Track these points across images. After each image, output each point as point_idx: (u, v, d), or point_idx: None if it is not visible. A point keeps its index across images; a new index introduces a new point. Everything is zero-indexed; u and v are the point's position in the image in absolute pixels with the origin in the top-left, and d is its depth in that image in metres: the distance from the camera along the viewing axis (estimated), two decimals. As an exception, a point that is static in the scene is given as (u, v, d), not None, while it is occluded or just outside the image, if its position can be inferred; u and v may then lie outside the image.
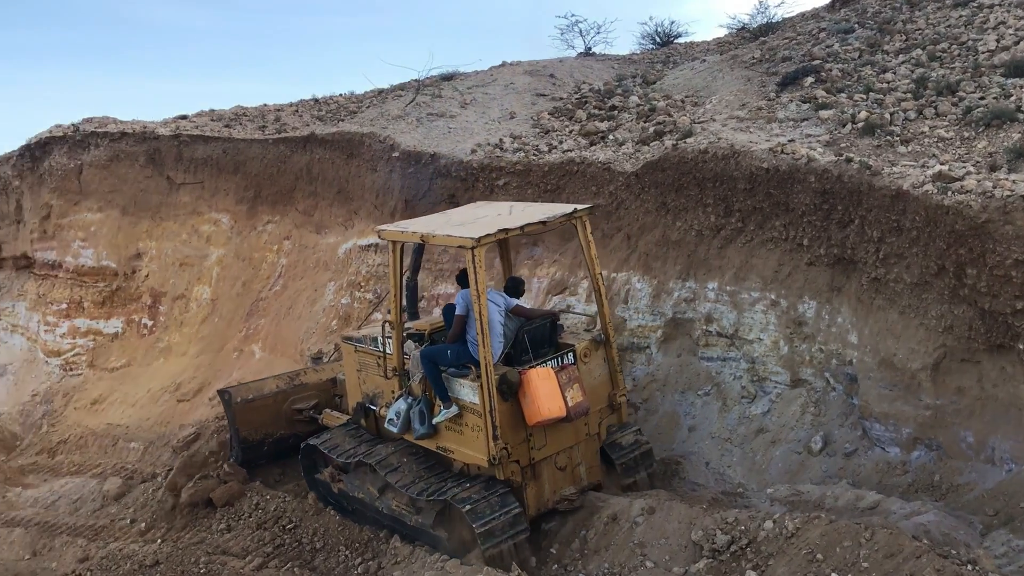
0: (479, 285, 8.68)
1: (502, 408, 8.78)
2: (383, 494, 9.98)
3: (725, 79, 14.91)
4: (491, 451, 8.74)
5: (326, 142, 16.77)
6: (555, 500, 9.35)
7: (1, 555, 11.46)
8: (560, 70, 19.07)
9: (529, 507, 9.16)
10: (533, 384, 8.80)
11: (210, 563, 9.55)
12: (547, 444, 9.21)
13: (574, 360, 9.37)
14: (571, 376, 9.02)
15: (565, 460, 9.42)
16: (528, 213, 9.64)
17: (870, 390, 9.48)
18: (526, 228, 9.21)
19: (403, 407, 9.62)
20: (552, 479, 9.33)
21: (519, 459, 9.00)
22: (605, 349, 9.69)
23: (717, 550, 8.11)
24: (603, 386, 9.66)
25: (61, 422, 18.21)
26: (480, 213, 10.04)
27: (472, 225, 9.31)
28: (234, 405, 11.93)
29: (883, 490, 8.85)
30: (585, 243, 9.56)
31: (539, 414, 8.79)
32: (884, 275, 9.52)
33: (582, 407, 9.02)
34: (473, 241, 8.64)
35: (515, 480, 9.01)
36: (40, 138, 21.18)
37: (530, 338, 9.33)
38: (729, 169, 11.10)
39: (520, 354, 9.26)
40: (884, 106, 11.46)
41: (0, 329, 22.19)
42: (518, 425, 8.94)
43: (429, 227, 9.56)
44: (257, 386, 12.31)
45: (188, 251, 19.05)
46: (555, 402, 8.80)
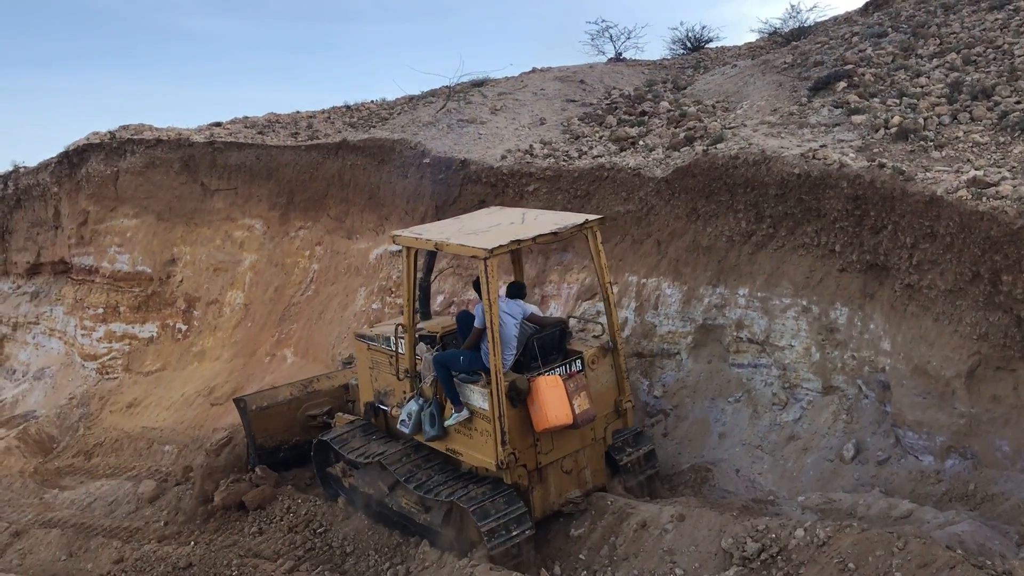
0: (491, 295, 8.87)
1: (511, 414, 8.98)
2: (393, 491, 10.22)
3: (756, 84, 14.83)
4: (499, 456, 8.95)
5: (358, 149, 16.89)
6: (560, 503, 9.54)
7: (39, 556, 11.64)
8: (590, 76, 19.07)
9: (535, 509, 9.34)
10: (541, 392, 8.99)
11: (242, 565, 9.64)
12: (554, 449, 9.41)
13: (582, 367, 9.53)
14: (579, 384, 9.20)
15: (571, 464, 9.62)
16: (540, 223, 9.82)
17: (903, 398, 9.38)
18: (538, 239, 9.41)
19: (414, 408, 9.83)
20: (558, 482, 9.53)
21: (526, 463, 9.21)
22: (612, 356, 9.87)
23: (747, 558, 8.06)
24: (610, 392, 9.85)
25: (97, 425, 18.47)
26: (493, 221, 10.18)
27: (485, 234, 9.47)
28: (249, 413, 12.18)
29: (916, 499, 8.74)
30: (595, 252, 9.75)
31: (547, 421, 8.99)
32: (917, 281, 9.42)
33: (589, 415, 9.20)
34: (486, 252, 8.82)
35: (522, 483, 9.21)
36: (77, 145, 21.50)
37: (540, 345, 9.50)
38: (760, 175, 11.04)
39: (530, 360, 9.44)
40: (918, 111, 11.34)
41: (39, 333, 22.55)
42: (526, 431, 9.14)
43: (443, 235, 9.73)
44: (272, 394, 12.60)
45: (222, 256, 19.26)
46: (562, 410, 8.99)
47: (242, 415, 12.34)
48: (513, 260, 11.02)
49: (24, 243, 23.28)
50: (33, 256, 23.02)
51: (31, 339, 22.72)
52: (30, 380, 21.60)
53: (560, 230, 9.51)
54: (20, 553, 11.83)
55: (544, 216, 10.30)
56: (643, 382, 11.89)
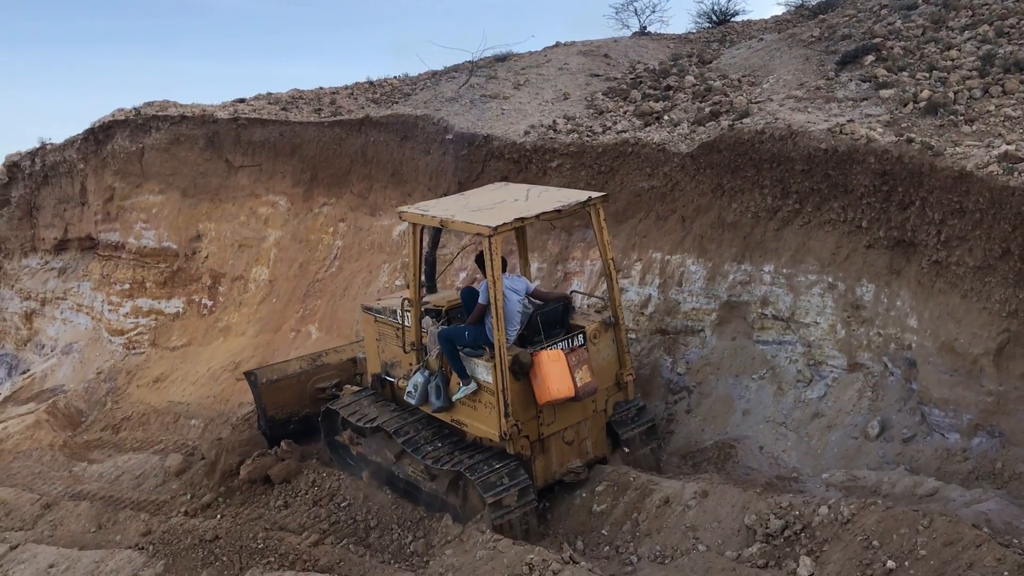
0: (495, 272, 9.06)
1: (514, 387, 9.22)
2: (399, 460, 10.50)
3: (783, 58, 14.65)
4: (503, 427, 9.21)
5: (380, 125, 16.88)
6: (562, 472, 9.77)
7: (69, 527, 11.82)
8: (615, 50, 18.91)
9: (537, 479, 9.60)
10: (544, 366, 9.22)
11: (268, 539, 9.72)
12: (556, 420, 9.65)
13: (584, 341, 9.72)
14: (580, 358, 9.43)
15: (572, 435, 9.86)
16: (544, 200, 9.95)
17: (930, 375, 9.30)
18: (541, 216, 9.55)
19: (420, 380, 10.05)
20: (560, 453, 9.78)
21: (529, 434, 9.47)
22: (614, 331, 10.05)
23: (771, 535, 8.06)
24: (611, 365, 10.08)
25: (124, 399, 18.69)
26: (498, 197, 10.32)
27: (490, 211, 9.63)
28: (260, 385, 12.44)
29: (942, 477, 8.69)
30: (598, 229, 9.90)
31: (549, 394, 9.23)
32: (945, 258, 9.31)
33: (590, 387, 9.45)
34: (490, 230, 8.98)
35: (524, 454, 9.47)
36: (103, 122, 21.62)
37: (543, 320, 9.72)
38: (786, 150, 10.93)
39: (533, 335, 9.65)
40: (948, 84, 11.17)
41: (66, 308, 22.80)
42: (529, 403, 9.38)
43: (448, 211, 9.86)
44: (281, 367, 12.86)
45: (246, 233, 19.36)
46: (564, 383, 9.23)
47: (252, 388, 12.60)
48: (517, 236, 11.11)
49: (51, 219, 23.48)
50: (60, 232, 23.22)
51: (59, 314, 22.98)
52: (58, 355, 21.87)
53: (564, 207, 9.64)
54: (51, 524, 12.02)
55: (548, 193, 10.40)
56: (666, 359, 11.87)
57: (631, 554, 8.83)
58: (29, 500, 12.89)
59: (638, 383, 11.90)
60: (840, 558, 7.47)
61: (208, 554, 9.64)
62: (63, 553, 10.50)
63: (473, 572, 8.33)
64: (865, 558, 7.29)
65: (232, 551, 9.59)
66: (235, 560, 9.42)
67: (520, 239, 11.19)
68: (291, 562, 9.28)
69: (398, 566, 9.07)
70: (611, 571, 8.43)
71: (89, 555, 10.27)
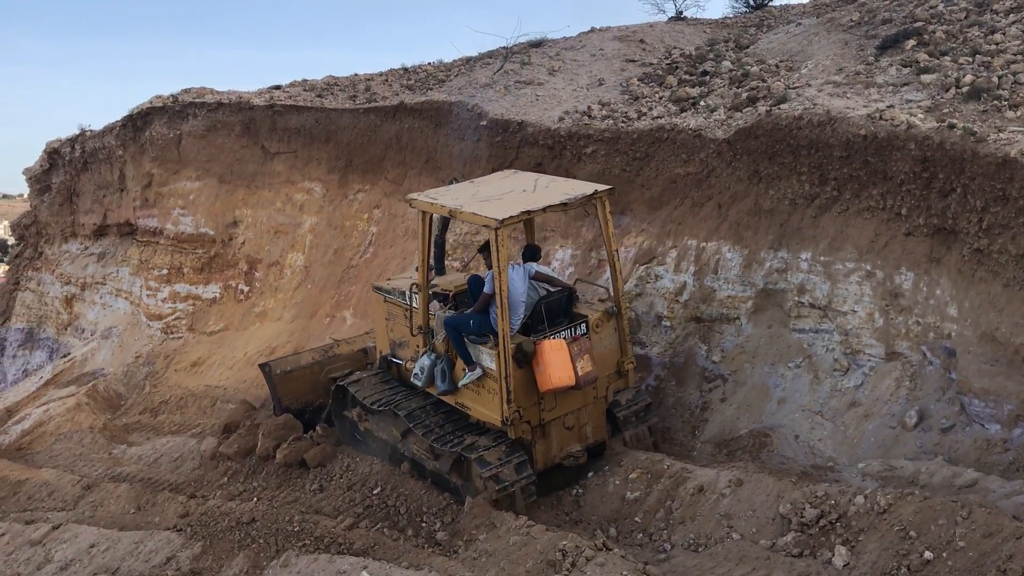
0: (500, 263, 9.32)
1: (517, 375, 9.50)
2: (405, 438, 10.85)
3: (821, 43, 14.46)
4: (504, 413, 9.54)
5: (415, 111, 16.89)
6: (561, 456, 10.08)
7: (109, 508, 12.00)
8: (650, 35, 18.75)
9: (537, 462, 9.93)
10: (546, 355, 9.48)
11: (303, 522, 9.82)
12: (557, 406, 9.94)
13: (587, 331, 9.97)
14: (582, 347, 9.68)
15: (573, 420, 10.14)
16: (551, 192, 10.13)
17: (970, 365, 9.17)
18: (547, 209, 9.78)
19: (427, 363, 10.42)
20: (560, 437, 10.07)
21: (530, 419, 9.77)
22: (616, 320, 10.27)
23: (806, 524, 8.01)
24: (612, 353, 10.33)
25: (163, 383, 18.92)
26: (507, 187, 10.52)
27: (498, 203, 9.85)
28: (275, 376, 12.83)
29: (981, 468, 8.58)
30: (604, 222, 10.09)
31: (550, 382, 9.50)
32: (987, 246, 9.17)
33: (591, 376, 9.71)
34: (497, 222, 9.23)
35: (525, 438, 9.80)
36: (141, 109, 21.81)
37: (547, 309, 9.98)
38: (825, 136, 10.80)
39: (537, 323, 9.91)
40: (992, 69, 10.96)
41: (106, 293, 23.11)
42: (531, 390, 9.66)
43: (457, 201, 10.08)
44: (295, 359, 13.31)
45: (282, 219, 19.49)
46: (565, 372, 9.49)
47: (267, 378, 12.97)
48: (525, 224, 11.38)
49: (91, 205, 23.77)
50: (100, 218, 23.50)
51: (99, 299, 23.29)
52: (98, 339, 22.17)
53: (569, 200, 9.82)
54: (92, 505, 12.21)
55: (556, 184, 10.55)
56: (702, 347, 11.81)
57: (664, 541, 8.83)
58: (70, 481, 13.11)
59: (673, 371, 11.88)
60: (876, 548, 7.41)
61: (245, 536, 9.76)
62: (103, 533, 10.68)
63: (507, 557, 8.36)
64: (902, 548, 7.23)
65: (268, 533, 9.70)
66: (271, 542, 9.52)
67: (528, 226, 11.53)
68: (326, 545, 9.37)
69: (431, 551, 9.12)
70: (644, 558, 8.42)
71: (128, 536, 10.43)
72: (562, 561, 7.92)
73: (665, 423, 11.57)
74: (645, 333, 12.37)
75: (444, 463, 10.19)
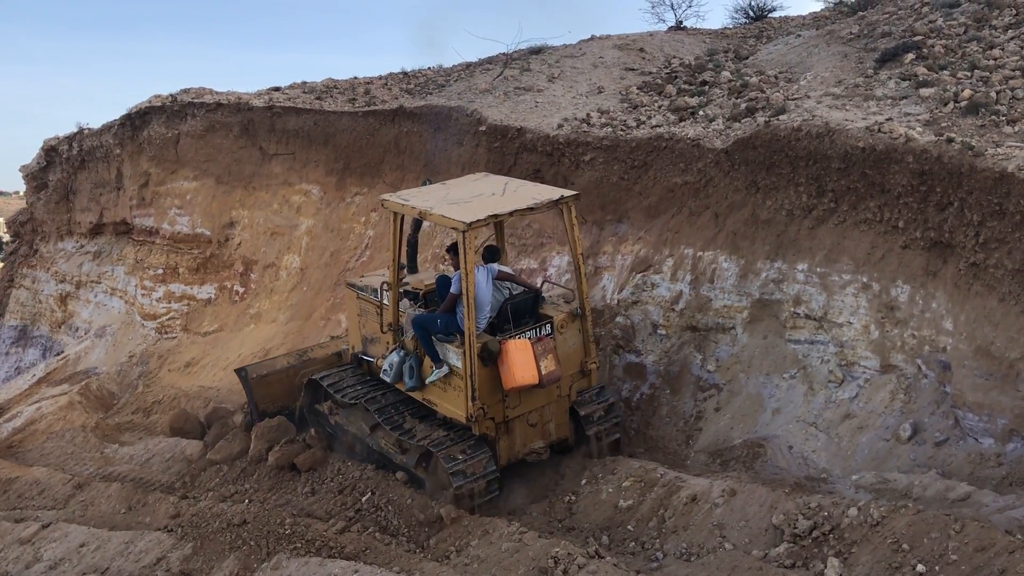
0: (467, 264, 9.61)
1: (482, 373, 9.79)
2: (374, 432, 11.14)
3: (821, 55, 14.50)
4: (469, 410, 9.83)
5: (414, 115, 16.89)
6: (525, 452, 10.44)
7: (100, 507, 11.95)
8: (650, 44, 18.79)
9: (501, 457, 10.25)
10: (511, 354, 9.77)
11: (295, 524, 9.80)
12: (521, 404, 10.24)
13: (551, 331, 10.25)
14: (546, 347, 9.97)
15: (536, 418, 10.47)
16: (519, 196, 10.46)
17: (964, 378, 9.18)
18: (514, 213, 10.10)
19: (396, 360, 10.73)
20: (523, 434, 10.42)
21: (494, 416, 10.07)
22: (581, 321, 10.54)
23: (799, 535, 8.00)
24: (576, 353, 10.59)
25: (156, 383, 18.86)
26: (477, 190, 10.86)
27: (467, 205, 10.15)
28: (250, 380, 12.99)
29: (975, 482, 8.57)
30: (569, 227, 10.38)
31: (514, 381, 9.79)
32: (983, 260, 9.19)
33: (554, 375, 10.01)
34: (464, 225, 9.52)
35: (489, 434, 10.10)
36: (140, 108, 21.77)
37: (513, 310, 10.31)
38: (823, 148, 10.82)
39: (503, 323, 10.24)
40: (990, 84, 11.00)
41: (100, 292, 23.04)
42: (495, 388, 9.96)
43: (428, 203, 10.38)
44: (270, 363, 13.52)
45: (279, 221, 19.46)
46: (529, 371, 9.78)
47: (244, 383, 13.11)
48: (495, 226, 11.57)
49: (87, 203, 23.71)
50: (96, 216, 23.44)
51: (93, 297, 23.23)
52: (92, 337, 22.10)
53: (536, 205, 10.14)
54: (82, 504, 12.15)
55: (525, 188, 10.85)
56: (696, 356, 11.81)
57: (657, 550, 8.82)
58: (61, 480, 13.06)
59: (667, 379, 11.88)
60: (869, 560, 7.41)
61: (236, 538, 9.74)
62: (94, 533, 10.64)
63: (498, 564, 8.34)
64: (895, 561, 7.23)
65: (260, 536, 9.68)
66: (262, 545, 9.50)
67: (498, 229, 11.71)
68: (318, 548, 9.35)
69: (423, 555, 9.10)
70: (636, 567, 8.41)
71: (119, 536, 10.39)
72: (554, 568, 7.90)
73: (659, 432, 11.58)
74: (640, 341, 12.37)
75: (411, 457, 10.53)
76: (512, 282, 10.68)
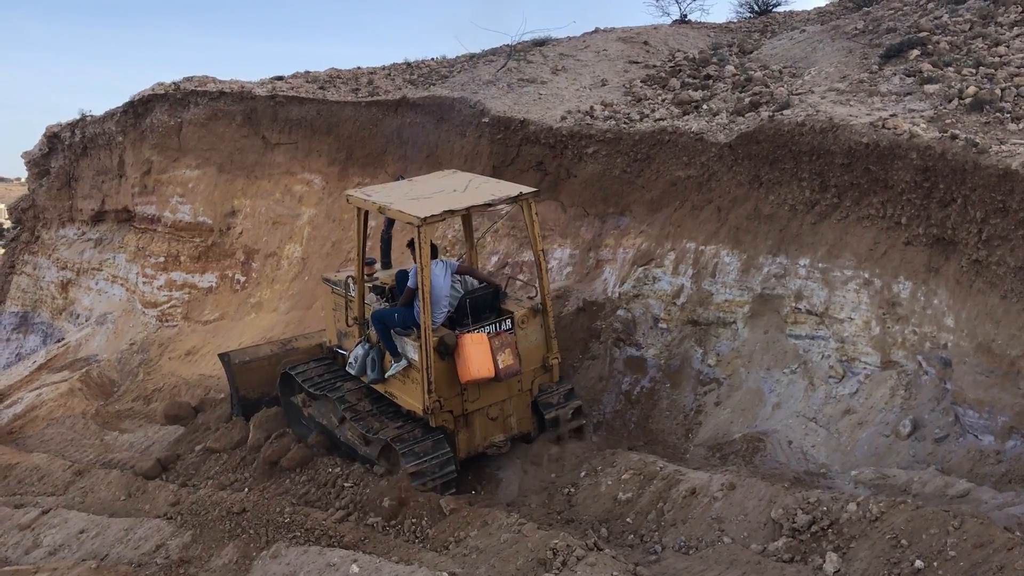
0: (423, 258, 9.80)
1: (439, 366, 10.00)
2: (342, 424, 11.35)
3: (825, 50, 14.47)
4: (425, 402, 10.03)
5: (417, 106, 16.87)
6: (485, 445, 10.62)
7: (99, 494, 11.97)
8: (654, 37, 18.77)
9: (460, 450, 10.46)
10: (466, 348, 9.95)
11: (294, 514, 9.81)
12: (480, 397, 10.45)
13: (511, 326, 10.46)
14: (504, 342, 10.17)
15: (497, 412, 10.64)
16: (480, 192, 10.63)
17: (965, 375, 9.18)
18: (471, 209, 10.43)
19: (360, 353, 10.95)
20: (484, 427, 10.59)
21: (452, 409, 10.29)
22: (542, 317, 10.73)
23: (797, 529, 8.01)
24: (538, 349, 10.80)
25: (156, 371, 18.89)
26: (439, 186, 11.05)
27: (426, 201, 10.34)
28: (233, 366, 13.17)
29: (974, 479, 8.58)
30: (529, 222, 10.60)
31: (470, 374, 9.97)
32: (986, 257, 9.18)
33: (511, 369, 10.20)
34: (419, 220, 9.69)
35: (448, 426, 10.32)
36: (143, 96, 21.77)
37: (472, 305, 10.45)
38: (827, 143, 10.81)
39: (462, 318, 10.40)
40: (995, 81, 10.98)
41: (101, 279, 23.07)
42: (452, 381, 10.14)
43: (389, 198, 10.61)
44: (253, 350, 13.70)
45: (281, 210, 19.46)
46: (485, 364, 9.97)
47: (226, 368, 13.29)
48: (463, 223, 11.97)
49: (89, 191, 23.72)
50: (98, 204, 23.46)
51: (94, 285, 23.25)
52: (93, 325, 22.13)
53: (494, 201, 10.40)
54: (82, 491, 12.17)
55: (487, 185, 11.03)
56: (697, 350, 11.81)
57: (655, 543, 8.83)
58: (61, 466, 13.09)
59: (668, 373, 11.89)
60: (867, 556, 7.42)
61: (235, 526, 9.75)
62: (93, 519, 10.66)
63: (497, 555, 8.35)
64: (893, 557, 7.24)
65: (259, 524, 9.69)
66: (261, 533, 9.51)
67: (466, 225, 12.00)
68: (317, 537, 9.36)
69: (422, 546, 9.11)
70: (635, 559, 8.42)
71: (119, 522, 10.41)
72: (553, 560, 7.91)
73: (658, 425, 11.58)
74: (641, 335, 12.37)
75: (373, 449, 10.74)
76: (472, 277, 10.86)
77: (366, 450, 10.92)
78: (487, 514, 9.20)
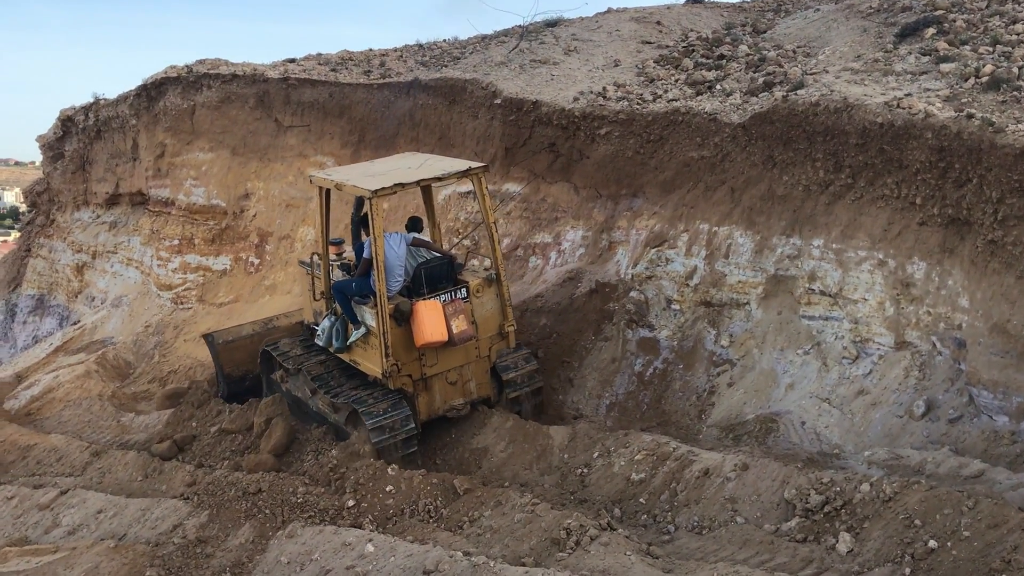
0: (375, 230, 10.42)
1: (396, 332, 10.66)
2: (314, 395, 11.94)
3: (840, 29, 14.35)
4: (384, 366, 10.63)
5: (429, 88, 16.83)
6: (444, 408, 11.25)
7: (116, 475, 12.08)
8: (667, 17, 18.64)
9: (420, 413, 11.07)
10: (420, 314, 10.60)
11: (307, 494, 9.89)
12: (438, 362, 11.05)
13: (467, 295, 11.07)
14: (457, 308, 10.79)
15: (456, 376, 11.26)
16: (431, 168, 11.35)
17: (980, 356, 9.16)
18: (421, 182, 11.17)
19: (327, 325, 11.57)
20: (443, 391, 11.22)
21: (411, 373, 10.90)
22: (497, 286, 11.30)
23: (810, 510, 8.04)
24: (494, 317, 11.41)
25: (171, 353, 18.98)
26: (397, 164, 11.87)
27: (381, 176, 10.99)
28: (217, 346, 13.64)
29: (988, 459, 8.57)
30: (481, 196, 11.27)
31: (423, 338, 10.58)
32: (1001, 237, 9.13)
33: (466, 335, 10.81)
34: (371, 193, 10.37)
35: (407, 390, 10.92)
36: (156, 79, 21.77)
37: (427, 275, 11.09)
38: (841, 123, 10.75)
39: (418, 287, 11.02)
40: (1012, 59, 10.87)
41: (116, 262, 23.16)
42: (409, 346, 10.77)
43: (346, 176, 11.43)
44: (236, 330, 14.18)
45: (294, 193, 19.48)
46: (438, 329, 10.57)
47: (211, 348, 13.75)
48: (424, 199, 12.70)
49: (104, 174, 23.78)
50: (112, 187, 23.51)
51: (109, 267, 23.35)
52: (108, 307, 22.24)
53: (444, 175, 11.19)
54: (99, 471, 12.29)
55: (441, 163, 11.79)
56: (710, 331, 11.81)
57: (668, 523, 8.87)
58: (79, 447, 13.20)
59: (681, 354, 11.90)
60: (881, 535, 7.44)
61: (251, 506, 9.83)
62: (111, 500, 10.76)
63: (511, 534, 8.41)
64: (907, 536, 7.26)
65: (274, 504, 9.77)
66: (277, 513, 9.59)
67: (428, 201, 12.67)
68: (331, 517, 9.43)
69: (436, 526, 9.18)
70: (648, 539, 8.47)
71: (136, 503, 10.51)
72: (566, 539, 7.97)
73: (671, 406, 11.61)
74: (654, 316, 12.37)
75: (341, 415, 11.31)
76: (427, 248, 11.41)
77: (335, 417, 11.49)
78: (501, 494, 9.25)
